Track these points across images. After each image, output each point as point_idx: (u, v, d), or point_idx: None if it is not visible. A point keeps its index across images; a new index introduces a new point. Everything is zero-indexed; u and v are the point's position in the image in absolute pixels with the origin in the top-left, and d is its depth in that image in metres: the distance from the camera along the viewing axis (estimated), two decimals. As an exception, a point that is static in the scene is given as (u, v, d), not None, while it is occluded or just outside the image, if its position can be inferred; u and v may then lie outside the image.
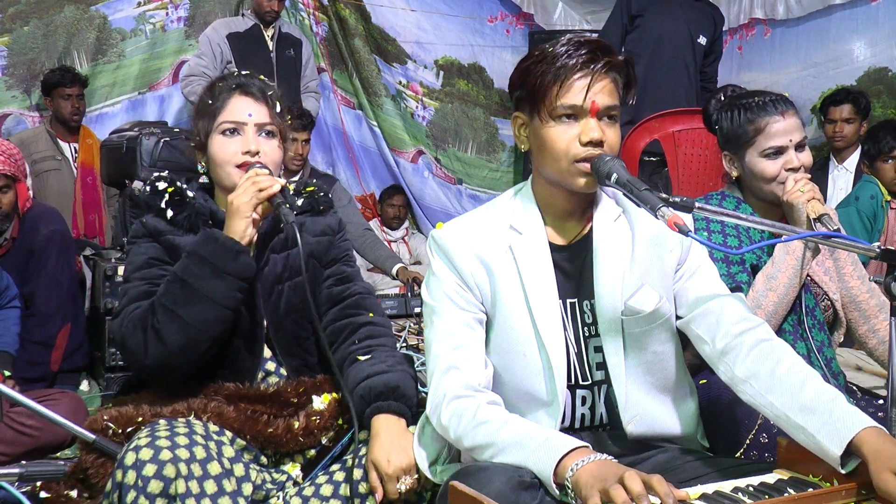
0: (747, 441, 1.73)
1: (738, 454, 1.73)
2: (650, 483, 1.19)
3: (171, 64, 5.17)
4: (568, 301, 1.59)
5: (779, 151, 1.96)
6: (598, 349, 1.59)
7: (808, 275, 2.04)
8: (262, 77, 1.93)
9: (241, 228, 1.73)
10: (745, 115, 1.99)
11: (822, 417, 1.33)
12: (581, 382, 1.59)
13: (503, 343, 1.58)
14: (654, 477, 1.20)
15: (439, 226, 1.63)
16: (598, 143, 1.50)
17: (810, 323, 1.99)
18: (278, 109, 1.88)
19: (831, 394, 1.38)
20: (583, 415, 1.60)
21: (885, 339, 2.10)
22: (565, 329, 1.58)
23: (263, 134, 1.85)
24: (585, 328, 1.59)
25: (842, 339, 2.15)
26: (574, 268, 1.61)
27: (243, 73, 1.93)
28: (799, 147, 1.98)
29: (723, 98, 2.09)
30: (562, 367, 1.55)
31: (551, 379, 1.54)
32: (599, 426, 1.60)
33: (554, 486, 1.31)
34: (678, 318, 1.62)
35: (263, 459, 1.72)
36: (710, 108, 2.10)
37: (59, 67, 4.62)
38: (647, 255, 1.59)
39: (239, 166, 1.81)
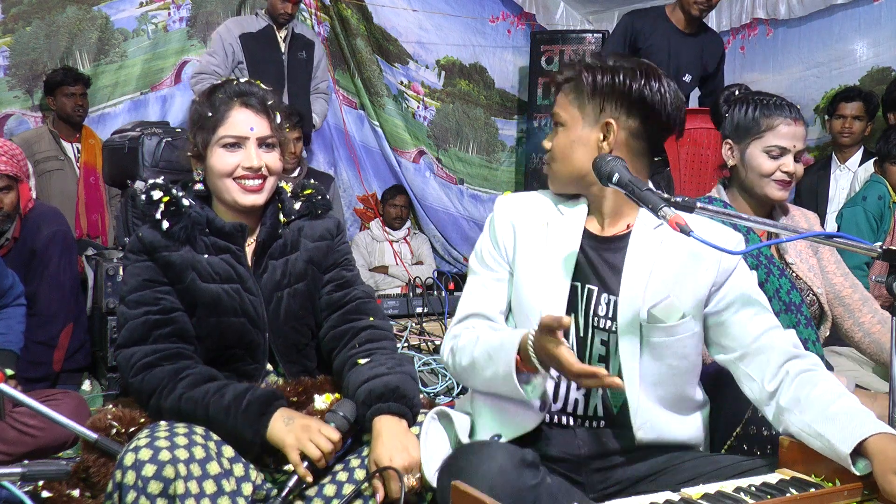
0: (747, 415, 1.72)
1: (735, 432, 1.73)
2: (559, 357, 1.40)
3: (173, 64, 5.17)
4: (587, 286, 1.61)
5: (782, 152, 2.05)
6: (604, 343, 1.60)
7: (793, 271, 2.10)
8: (259, 83, 1.92)
9: (279, 444, 1.62)
10: (761, 109, 2.08)
11: (842, 422, 1.34)
12: None
13: (516, 310, 1.66)
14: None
15: (506, 192, 1.76)
16: None
17: (797, 320, 2.02)
18: (278, 120, 1.88)
19: (861, 408, 1.38)
20: (576, 399, 1.61)
21: (870, 332, 2.15)
22: (575, 310, 1.60)
23: (264, 147, 1.84)
24: (597, 318, 1.60)
25: (827, 333, 2.18)
26: (602, 260, 1.63)
27: (241, 80, 1.91)
28: (797, 156, 2.08)
29: (737, 92, 2.18)
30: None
31: None
32: (594, 417, 1.61)
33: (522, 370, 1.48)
34: (722, 350, 1.60)
35: (265, 459, 1.72)
36: (720, 101, 2.19)
37: (62, 68, 4.62)
38: (680, 268, 1.59)
39: (238, 179, 1.81)
